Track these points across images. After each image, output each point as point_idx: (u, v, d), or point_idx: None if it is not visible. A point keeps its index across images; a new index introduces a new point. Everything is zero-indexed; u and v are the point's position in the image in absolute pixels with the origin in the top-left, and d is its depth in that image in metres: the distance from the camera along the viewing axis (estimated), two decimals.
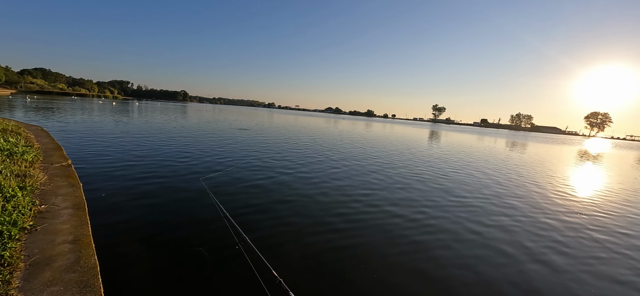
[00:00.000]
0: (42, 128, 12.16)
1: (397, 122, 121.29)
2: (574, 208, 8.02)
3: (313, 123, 44.65)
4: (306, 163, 11.19)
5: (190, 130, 19.75)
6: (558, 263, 4.71)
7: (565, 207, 8.06)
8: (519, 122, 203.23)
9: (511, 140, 44.44)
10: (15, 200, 3.86)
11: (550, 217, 7.08)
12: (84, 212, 4.15)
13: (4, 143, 6.69)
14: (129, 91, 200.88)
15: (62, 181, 5.35)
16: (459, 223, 6.11)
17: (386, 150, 17.87)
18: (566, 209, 7.87)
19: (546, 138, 72.16)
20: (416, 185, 9.16)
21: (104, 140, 12.43)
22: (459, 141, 32.54)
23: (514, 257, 4.79)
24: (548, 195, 9.39)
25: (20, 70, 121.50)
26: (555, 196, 9.31)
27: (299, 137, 21.59)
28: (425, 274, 4.06)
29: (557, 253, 5.09)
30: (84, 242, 3.34)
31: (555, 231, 6.14)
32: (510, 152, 23.91)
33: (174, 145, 12.70)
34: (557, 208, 7.91)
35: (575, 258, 4.95)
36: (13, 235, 3.14)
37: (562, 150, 33.38)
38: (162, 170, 8.28)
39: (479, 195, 8.51)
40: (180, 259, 3.89)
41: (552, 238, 5.72)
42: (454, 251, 4.80)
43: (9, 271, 2.64)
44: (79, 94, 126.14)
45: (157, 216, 5.17)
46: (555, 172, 14.84)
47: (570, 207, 8.10)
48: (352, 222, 5.70)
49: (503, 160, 17.90)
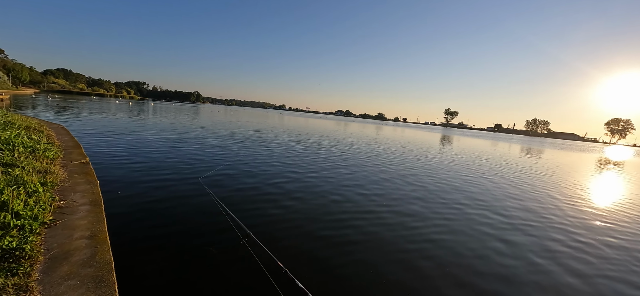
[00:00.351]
0: (62, 127, 12.63)
1: (408, 126, 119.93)
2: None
3: (323, 126, 44.69)
4: (317, 166, 11.19)
5: (203, 132, 20.12)
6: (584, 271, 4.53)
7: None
8: (535, 127, 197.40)
9: (528, 146, 43.17)
10: (37, 195, 4.01)
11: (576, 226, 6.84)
12: (100, 209, 4.27)
13: (28, 140, 6.98)
14: (145, 92, 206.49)
15: (80, 178, 5.53)
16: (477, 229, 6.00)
17: (396, 151, 17.69)
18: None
19: (565, 145, 69.73)
20: (432, 188, 9.03)
21: (121, 139, 12.80)
22: (475, 146, 31.85)
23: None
24: (573, 204, 9.06)
25: (44, 71, 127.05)
26: (583, 206, 8.97)
27: (310, 139, 21.64)
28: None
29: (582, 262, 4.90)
30: (100, 238, 3.44)
31: (578, 236, 5.92)
32: (534, 159, 23.22)
33: (188, 146, 12.95)
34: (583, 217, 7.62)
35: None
36: (34, 229, 3.26)
37: (588, 158, 32.14)
38: (175, 169, 8.45)
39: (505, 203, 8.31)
40: (191, 257, 3.95)
41: (574, 242, 5.52)
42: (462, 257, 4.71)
43: (29, 264, 2.74)
44: (98, 94, 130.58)
45: (170, 214, 5.27)
46: (585, 181, 14.30)
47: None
48: (359, 220, 5.72)
49: (532, 168, 17.40)
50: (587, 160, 28.19)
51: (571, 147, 58.21)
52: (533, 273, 4.46)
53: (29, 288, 2.44)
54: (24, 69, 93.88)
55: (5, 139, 6.32)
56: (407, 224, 5.90)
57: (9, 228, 3.09)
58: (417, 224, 5.96)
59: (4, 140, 6.20)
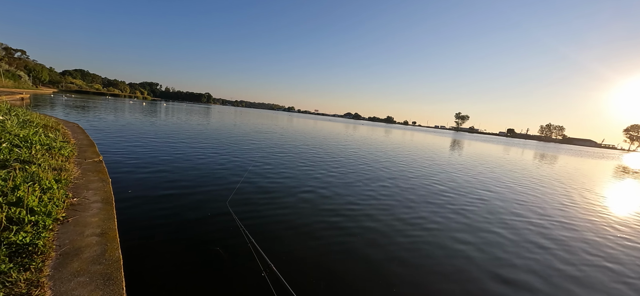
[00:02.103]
0: (78, 125, 12.98)
1: (417, 130, 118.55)
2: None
3: (333, 129, 44.62)
4: (338, 171, 11.14)
5: (214, 134, 20.36)
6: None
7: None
8: (549, 132, 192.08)
9: (542, 152, 42.01)
10: (51, 192, 4.11)
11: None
12: (111, 207, 4.34)
13: (44, 138, 7.19)
14: (158, 92, 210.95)
15: (93, 176, 5.65)
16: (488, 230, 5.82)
17: (415, 158, 17.47)
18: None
19: (582, 151, 67.45)
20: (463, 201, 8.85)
21: (134, 138, 13.09)
22: (489, 153, 31.20)
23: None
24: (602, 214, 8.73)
25: (62, 71, 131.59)
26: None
27: (322, 142, 21.63)
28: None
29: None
30: (110, 236, 3.48)
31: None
32: (559, 167, 22.59)
33: (198, 147, 13.12)
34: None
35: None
36: (47, 225, 3.33)
37: (608, 165, 31.05)
38: (185, 169, 8.56)
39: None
40: (197, 257, 3.97)
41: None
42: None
43: (41, 259, 2.79)
44: (113, 94, 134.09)
45: (178, 215, 5.33)
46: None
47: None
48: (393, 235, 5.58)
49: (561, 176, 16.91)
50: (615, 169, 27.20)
51: (593, 154, 56.15)
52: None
53: (40, 284, 2.49)
54: (44, 70, 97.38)
55: (24, 137, 6.52)
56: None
57: (24, 223, 3.16)
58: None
59: (22, 138, 6.40)
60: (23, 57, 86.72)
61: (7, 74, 65.74)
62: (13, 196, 3.54)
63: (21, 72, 75.33)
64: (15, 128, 7.16)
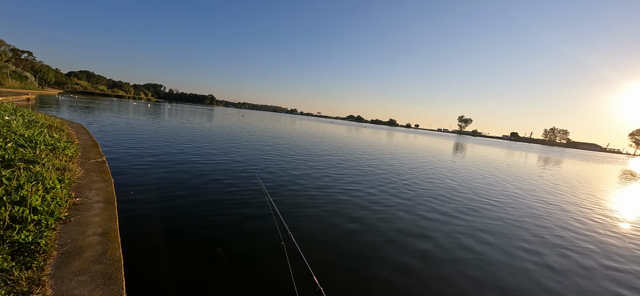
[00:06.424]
0: (82, 126, 13.10)
1: (420, 133, 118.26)
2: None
3: (336, 132, 44.64)
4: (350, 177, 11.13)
5: (217, 135, 20.45)
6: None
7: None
8: (554, 136, 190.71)
9: (546, 156, 41.69)
10: (54, 191, 4.15)
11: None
12: (113, 207, 4.37)
13: (49, 138, 7.26)
14: (162, 94, 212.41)
15: (96, 176, 5.69)
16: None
17: (425, 161, 17.43)
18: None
19: (587, 156, 66.77)
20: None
21: (136, 140, 13.18)
22: (496, 157, 31.01)
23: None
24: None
25: (68, 72, 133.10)
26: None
27: (327, 146, 21.64)
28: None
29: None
30: (111, 236, 3.50)
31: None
32: (567, 171, 22.41)
33: (201, 148, 13.18)
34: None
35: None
36: (50, 224, 3.36)
37: (616, 170, 30.71)
38: (187, 172, 8.60)
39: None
40: (197, 258, 3.98)
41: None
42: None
43: (43, 258, 2.81)
44: (117, 96, 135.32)
45: (179, 216, 5.35)
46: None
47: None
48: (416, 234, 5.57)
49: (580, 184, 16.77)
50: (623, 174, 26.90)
51: (599, 159, 55.45)
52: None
53: (41, 282, 2.50)
54: (50, 71, 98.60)
55: (29, 137, 6.59)
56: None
57: (27, 222, 3.19)
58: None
59: (27, 138, 6.48)
60: (30, 59, 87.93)
61: (14, 75, 66.68)
62: (17, 195, 3.58)
63: (28, 73, 76.35)
64: (21, 129, 7.24)
